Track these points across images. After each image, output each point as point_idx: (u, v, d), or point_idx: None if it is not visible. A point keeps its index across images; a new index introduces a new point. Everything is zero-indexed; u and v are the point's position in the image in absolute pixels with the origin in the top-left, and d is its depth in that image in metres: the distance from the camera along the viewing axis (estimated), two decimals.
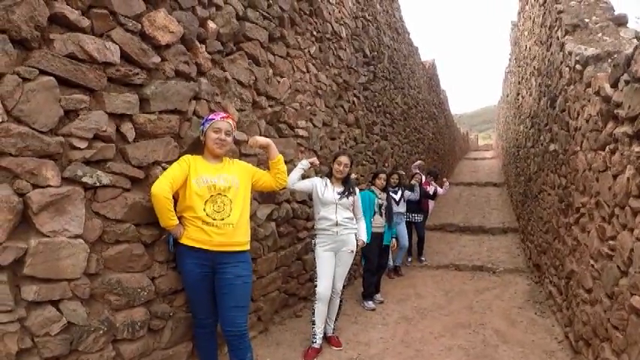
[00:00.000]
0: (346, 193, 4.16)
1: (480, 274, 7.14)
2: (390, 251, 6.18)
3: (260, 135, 3.95)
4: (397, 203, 6.86)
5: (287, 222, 4.31)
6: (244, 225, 2.87)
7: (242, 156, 3.58)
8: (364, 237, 4.40)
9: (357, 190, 4.38)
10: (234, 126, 2.97)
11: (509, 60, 14.85)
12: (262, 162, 3.85)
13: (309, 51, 4.92)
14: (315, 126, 5.12)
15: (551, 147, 5.31)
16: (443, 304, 5.52)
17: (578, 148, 3.99)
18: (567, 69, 4.52)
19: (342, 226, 4.06)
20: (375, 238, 5.30)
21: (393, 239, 5.69)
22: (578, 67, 4.06)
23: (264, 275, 3.99)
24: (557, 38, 5.22)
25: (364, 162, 6.87)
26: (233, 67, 3.54)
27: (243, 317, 2.82)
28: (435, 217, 10.95)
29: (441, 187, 8.55)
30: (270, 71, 4.11)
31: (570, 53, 4.37)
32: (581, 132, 3.91)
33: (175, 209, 2.73)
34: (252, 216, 3.79)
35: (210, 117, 2.91)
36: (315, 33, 5.05)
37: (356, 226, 4.31)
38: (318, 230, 4.09)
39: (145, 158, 2.70)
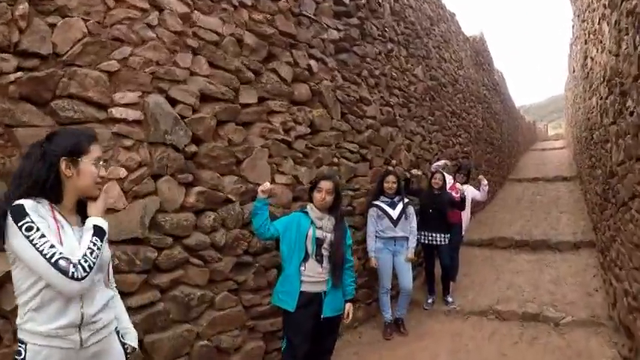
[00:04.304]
0: None
1: (533, 328, 4.37)
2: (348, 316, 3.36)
3: None
4: (395, 223, 4.31)
5: None
6: None
7: None
8: (134, 342, 1.80)
9: None
10: None
11: (573, 26, 11.54)
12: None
13: None
14: (176, 101, 2.80)
15: None
16: None
17: None
18: None
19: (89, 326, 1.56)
20: (307, 302, 2.84)
21: (349, 306, 3.12)
22: None
23: None
24: None
25: (341, 158, 4.35)
26: None
27: None
28: (483, 228, 8.15)
29: (478, 189, 5.83)
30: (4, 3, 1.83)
31: None
32: None
33: None
34: None
35: None
36: None
37: None
38: None
39: None
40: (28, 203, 1.45)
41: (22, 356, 1.47)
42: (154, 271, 2.66)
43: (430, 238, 5.09)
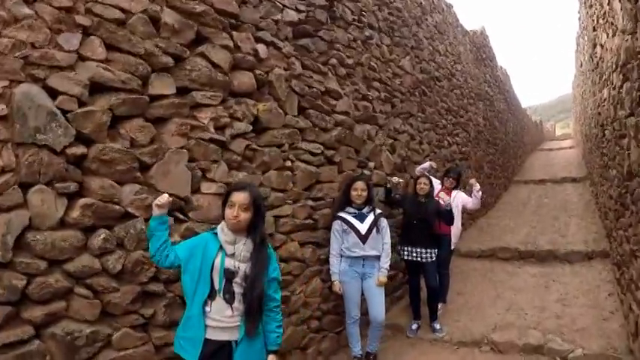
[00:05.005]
0: None
1: None
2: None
3: None
4: (363, 239, 3.57)
5: None
6: None
7: None
8: None
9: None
10: None
11: (579, 17, 10.74)
12: None
13: None
14: (57, 92, 2.15)
15: None
16: None
17: None
18: None
19: None
20: (213, 354, 2.12)
21: (272, 359, 2.33)
22: None
23: None
24: None
25: (297, 161, 3.58)
26: None
27: None
28: (485, 236, 7.38)
29: (470, 195, 5.04)
30: None
31: None
32: None
33: None
34: None
35: None
36: None
37: None
38: None
39: None
40: None
41: None
42: (26, 302, 2.05)
43: (415, 254, 4.33)
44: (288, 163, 3.44)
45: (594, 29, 6.80)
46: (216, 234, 2.26)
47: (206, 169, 2.83)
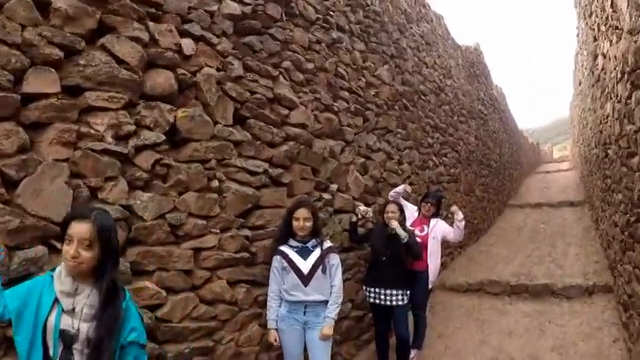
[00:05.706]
0: None
1: None
2: None
3: None
4: (305, 280, 2.93)
5: None
6: None
7: None
8: None
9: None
10: None
11: (578, 34, 10.31)
12: None
13: None
14: None
15: None
16: None
17: None
18: None
19: None
20: None
21: None
22: None
23: None
24: None
25: (228, 181, 2.93)
26: None
27: None
28: (474, 267, 6.76)
29: (451, 224, 4.39)
30: None
31: None
32: None
33: None
34: None
35: None
36: None
37: None
38: None
39: None
40: None
41: None
42: None
43: (382, 297, 3.67)
44: (215, 183, 2.80)
45: (595, 39, 6.30)
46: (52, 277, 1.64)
47: (97, 188, 2.21)
